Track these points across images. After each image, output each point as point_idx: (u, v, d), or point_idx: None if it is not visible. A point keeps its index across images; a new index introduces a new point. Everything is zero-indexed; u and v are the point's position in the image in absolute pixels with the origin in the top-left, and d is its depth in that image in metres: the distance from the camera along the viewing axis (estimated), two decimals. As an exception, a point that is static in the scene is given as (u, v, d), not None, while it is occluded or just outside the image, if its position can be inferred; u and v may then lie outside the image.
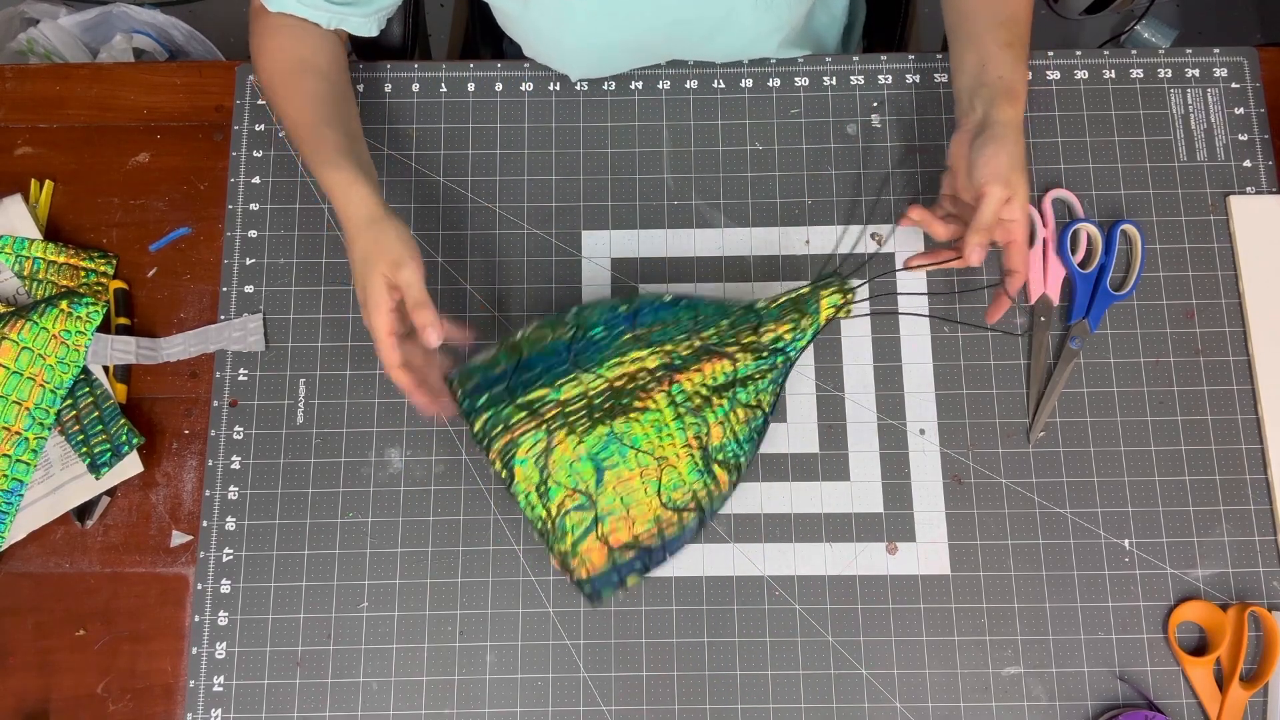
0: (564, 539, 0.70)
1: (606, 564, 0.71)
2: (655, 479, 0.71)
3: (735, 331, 0.73)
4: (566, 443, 0.70)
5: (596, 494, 0.70)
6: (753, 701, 0.74)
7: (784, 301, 0.74)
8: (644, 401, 0.70)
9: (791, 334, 0.73)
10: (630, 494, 0.71)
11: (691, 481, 0.71)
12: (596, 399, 0.71)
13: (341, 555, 0.77)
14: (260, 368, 0.81)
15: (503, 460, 0.71)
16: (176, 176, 0.86)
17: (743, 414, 0.72)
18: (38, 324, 0.76)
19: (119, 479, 0.78)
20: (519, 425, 0.71)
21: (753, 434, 0.73)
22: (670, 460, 0.71)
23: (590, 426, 0.70)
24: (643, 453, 0.70)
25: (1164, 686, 0.74)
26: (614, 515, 0.70)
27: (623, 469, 0.70)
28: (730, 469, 0.72)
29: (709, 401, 0.72)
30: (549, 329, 0.74)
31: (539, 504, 0.71)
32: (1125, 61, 0.87)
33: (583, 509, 0.70)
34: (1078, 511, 0.77)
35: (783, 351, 0.73)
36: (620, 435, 0.70)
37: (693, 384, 0.71)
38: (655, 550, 0.71)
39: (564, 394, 0.71)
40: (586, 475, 0.70)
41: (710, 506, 0.72)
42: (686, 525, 0.72)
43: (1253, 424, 0.78)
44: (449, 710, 0.74)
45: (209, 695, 0.74)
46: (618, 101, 0.87)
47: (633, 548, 0.71)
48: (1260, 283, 0.81)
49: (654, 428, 0.71)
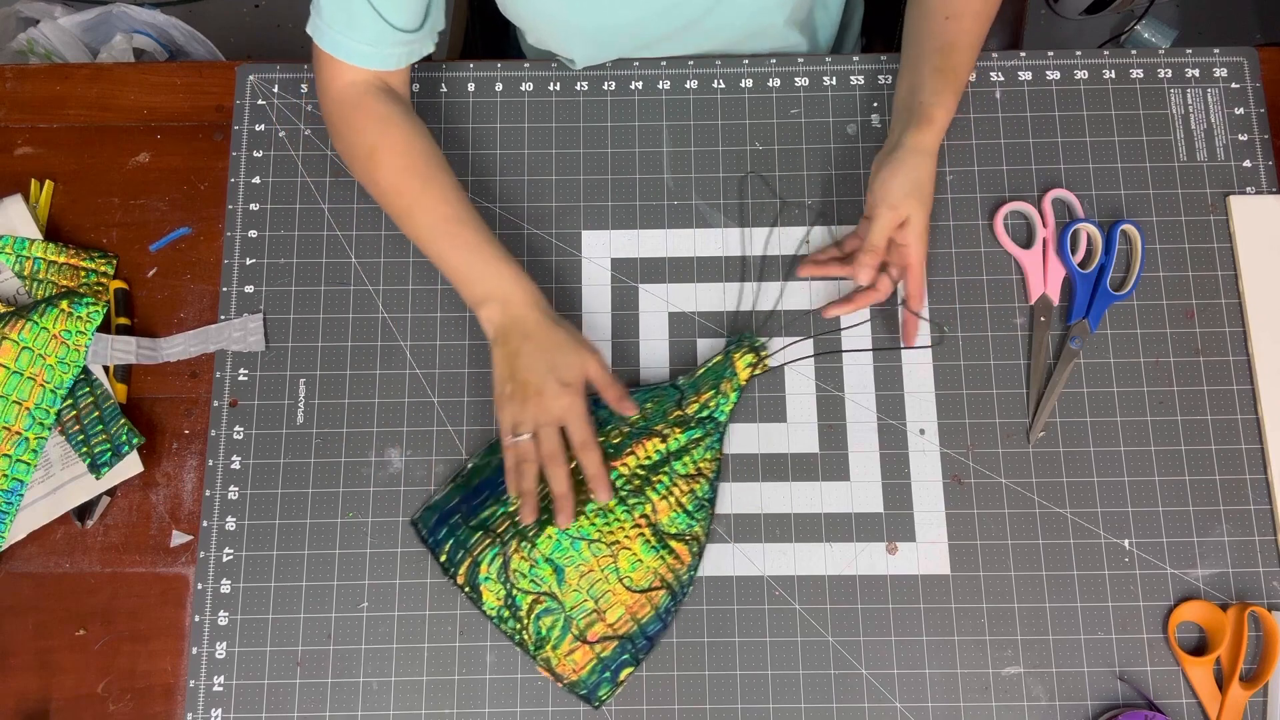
0: (544, 646, 0.73)
1: (592, 661, 0.73)
2: (612, 564, 0.73)
3: (662, 410, 0.77)
4: (521, 550, 0.73)
5: (561, 593, 0.73)
6: (753, 701, 0.74)
7: (702, 373, 0.78)
8: (585, 494, 0.73)
9: (715, 400, 0.77)
10: (594, 586, 0.73)
11: (650, 561, 0.74)
12: (542, 503, 0.73)
13: (341, 555, 0.77)
14: (260, 368, 0.81)
15: (470, 583, 0.74)
16: (176, 176, 0.86)
17: (685, 485, 0.75)
18: (38, 324, 0.76)
19: (119, 479, 0.78)
20: (476, 545, 0.74)
21: (701, 503, 0.75)
22: (623, 544, 0.73)
23: (539, 529, 0.73)
24: (594, 542, 0.73)
25: (1164, 686, 0.74)
26: (584, 611, 0.73)
27: (580, 563, 0.73)
28: (687, 541, 0.75)
29: (648, 480, 0.75)
30: (493, 453, 0.78)
31: (510, 616, 0.73)
32: (1125, 61, 0.87)
33: (552, 611, 0.73)
34: (1078, 511, 0.77)
35: (710, 418, 0.77)
36: (568, 531, 0.73)
37: (628, 468, 0.75)
38: (636, 638, 0.73)
39: (511, 506, 0.74)
40: (547, 577, 0.73)
41: (678, 582, 0.74)
42: (659, 606, 0.74)
43: (1253, 424, 0.78)
44: (449, 710, 0.74)
45: (209, 695, 0.74)
46: (618, 101, 0.87)
47: (611, 639, 0.73)
48: (1260, 283, 0.81)
49: (599, 516, 0.73)
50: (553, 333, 0.72)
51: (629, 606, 0.73)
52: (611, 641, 0.73)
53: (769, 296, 0.82)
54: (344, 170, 0.85)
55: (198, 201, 0.85)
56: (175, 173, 0.86)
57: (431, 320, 0.82)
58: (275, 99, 0.87)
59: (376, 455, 0.79)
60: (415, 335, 0.81)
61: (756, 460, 0.79)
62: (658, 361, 0.81)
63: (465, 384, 0.80)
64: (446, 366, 0.81)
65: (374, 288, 0.83)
